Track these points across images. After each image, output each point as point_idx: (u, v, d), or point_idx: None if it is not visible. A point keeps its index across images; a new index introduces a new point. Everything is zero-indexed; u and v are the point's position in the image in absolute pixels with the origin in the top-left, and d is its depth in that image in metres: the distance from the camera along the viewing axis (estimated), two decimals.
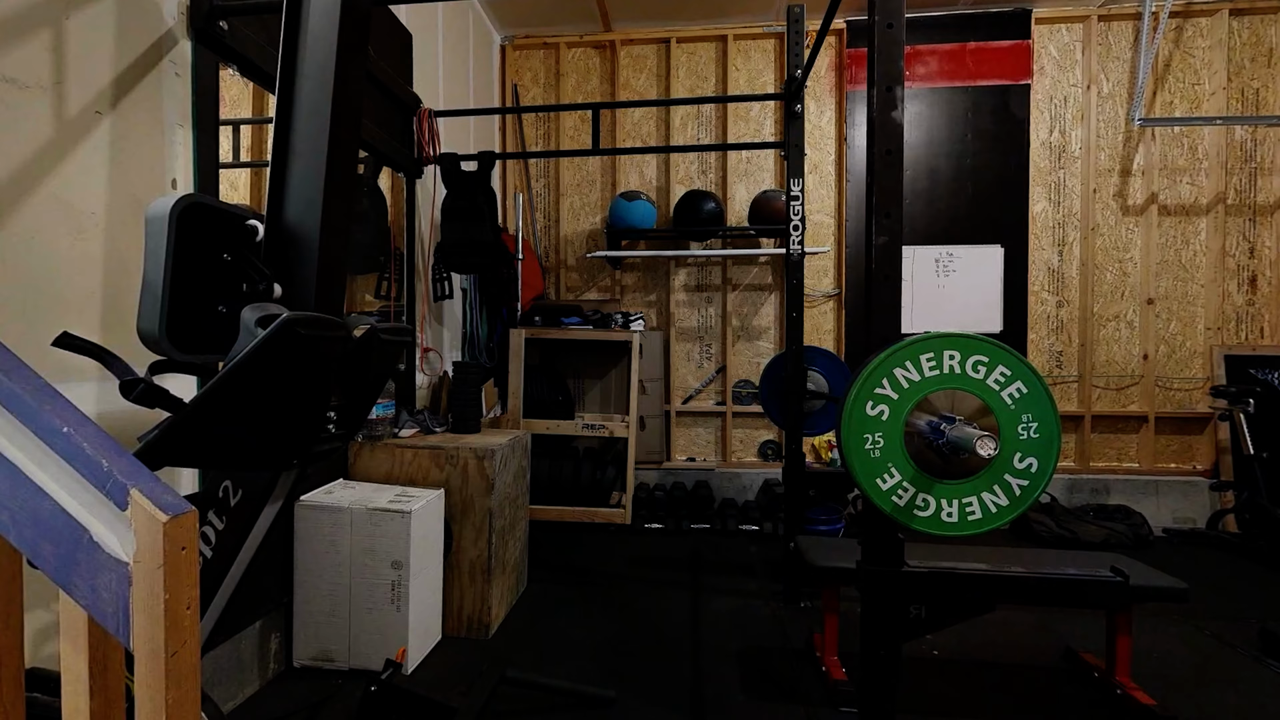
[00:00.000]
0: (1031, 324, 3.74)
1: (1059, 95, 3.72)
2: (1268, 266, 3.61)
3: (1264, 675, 1.99)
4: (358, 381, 1.15)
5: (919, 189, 3.76)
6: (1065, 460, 3.75)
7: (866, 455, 1.33)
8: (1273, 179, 3.60)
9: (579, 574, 2.86)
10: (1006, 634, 2.26)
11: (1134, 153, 3.67)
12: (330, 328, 0.94)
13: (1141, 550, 3.21)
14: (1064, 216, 3.73)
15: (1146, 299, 3.66)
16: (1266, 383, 3.48)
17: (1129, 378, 3.70)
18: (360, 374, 1.14)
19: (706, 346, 3.99)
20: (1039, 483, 1.33)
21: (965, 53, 3.72)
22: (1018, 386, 1.31)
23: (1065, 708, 1.82)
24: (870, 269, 1.38)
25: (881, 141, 1.36)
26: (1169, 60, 3.66)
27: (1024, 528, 3.36)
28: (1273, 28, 3.58)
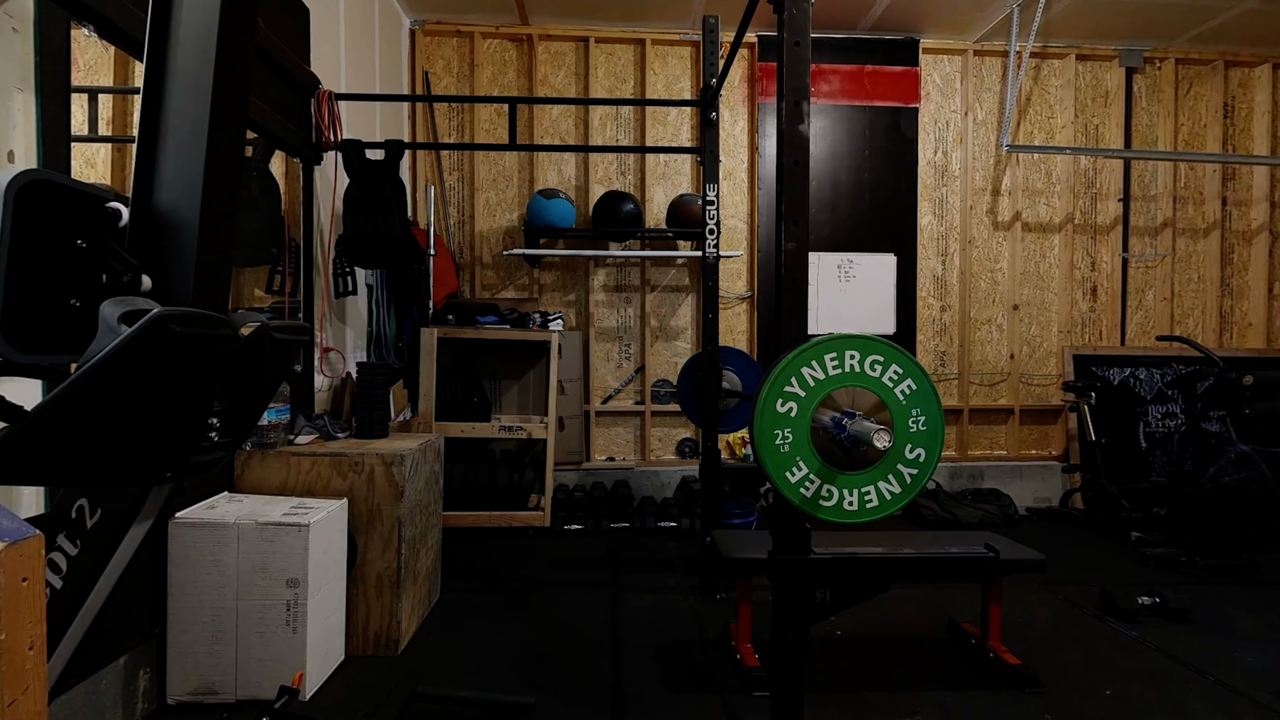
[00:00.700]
0: (920, 326, 4.10)
1: (942, 119, 4.11)
2: (1105, 278, 4.20)
3: (1103, 630, 2.31)
4: (246, 384, 1.05)
5: (823, 199, 4.00)
6: (947, 450, 4.15)
7: (777, 450, 1.40)
8: (1109, 203, 4.18)
9: (496, 580, 2.78)
10: (899, 610, 2.47)
11: (1003, 175, 4.13)
12: (212, 325, 0.85)
13: (1010, 528, 3.62)
14: (946, 229, 4.12)
15: (1013, 305, 4.13)
16: (1105, 379, 4.04)
17: (999, 375, 4.15)
18: (249, 376, 1.04)
19: (626, 346, 4.02)
20: (926, 471, 1.46)
21: (864, 74, 4.01)
22: (909, 383, 1.43)
23: (948, 673, 2.01)
24: (780, 273, 1.45)
25: (789, 153, 1.44)
26: (1030, 95, 4.15)
27: (914, 512, 3.68)
28: (1109, 73, 4.16)
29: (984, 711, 1.80)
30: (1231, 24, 3.83)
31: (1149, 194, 4.21)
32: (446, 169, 3.98)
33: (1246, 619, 2.41)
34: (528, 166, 3.97)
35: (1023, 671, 1.93)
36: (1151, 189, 4.21)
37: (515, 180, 3.99)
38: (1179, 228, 4.22)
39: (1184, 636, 2.25)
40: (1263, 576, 2.86)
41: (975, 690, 1.90)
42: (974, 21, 3.84)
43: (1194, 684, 1.94)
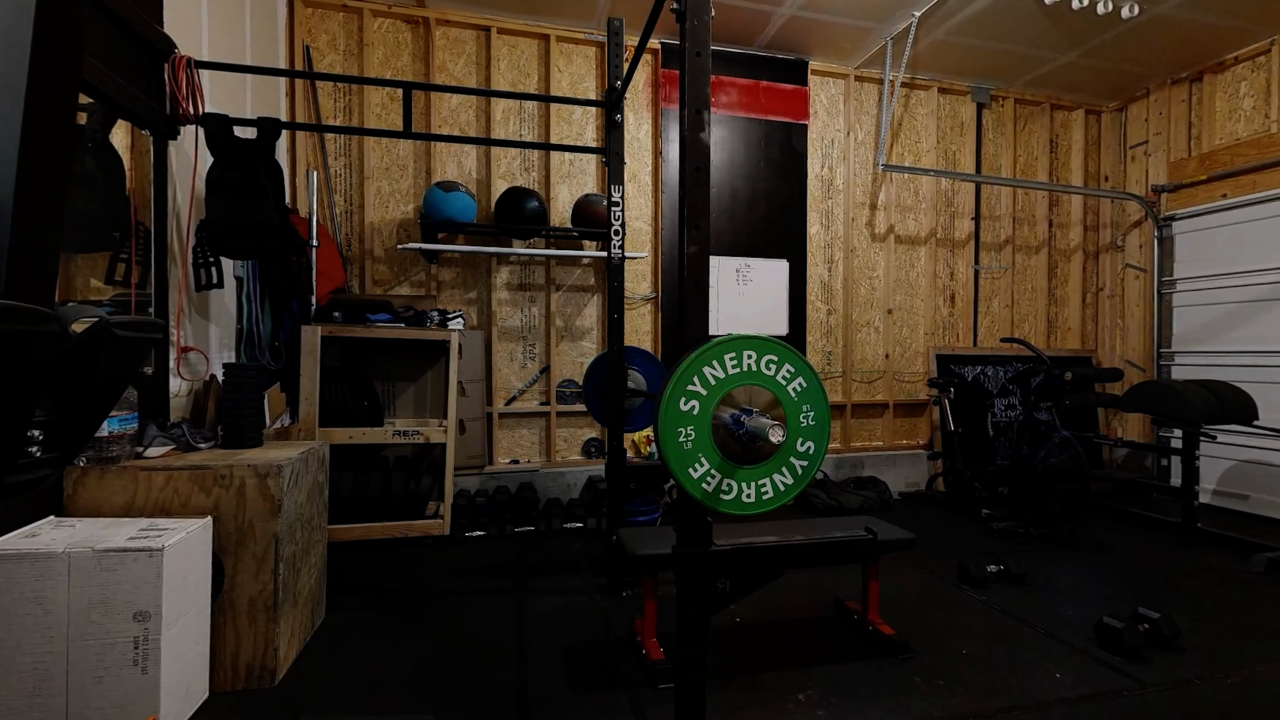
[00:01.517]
0: (809, 328, 4.41)
1: (828, 137, 4.44)
2: (961, 287, 4.76)
3: (960, 597, 2.62)
4: (79, 390, 0.90)
5: (723, 205, 4.18)
6: (833, 443, 4.51)
7: (680, 447, 1.44)
8: (964, 220, 4.75)
9: (391, 595, 2.61)
10: (791, 594, 2.64)
11: (879, 191, 4.55)
12: (31, 320, 0.72)
13: (886, 511, 4.00)
14: (832, 239, 4.46)
15: (888, 309, 4.57)
16: (961, 376, 4.58)
17: (876, 373, 4.57)
18: (83, 380, 0.89)
19: (530, 346, 3.95)
20: (815, 462, 1.57)
21: (759, 89, 4.24)
22: (800, 381, 1.54)
23: (834, 648, 2.18)
24: (683, 275, 1.49)
25: (691, 159, 1.49)
26: (901, 120, 4.60)
27: (804, 501, 3.95)
28: (964, 106, 4.73)
29: (864, 680, 1.97)
30: (1055, 73, 4.50)
31: (995, 214, 4.83)
32: (332, 154, 3.68)
33: (1067, 578, 2.84)
34: (425, 156, 3.77)
35: (896, 640, 2.14)
36: (997, 210, 4.84)
37: (411, 170, 3.77)
38: (1017, 244, 4.89)
39: (1022, 597, 2.62)
40: (1079, 541, 3.39)
41: (857, 661, 2.08)
42: (855, 49, 4.20)
43: (1029, 636, 2.26)
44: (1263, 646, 2.19)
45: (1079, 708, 1.82)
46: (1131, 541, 3.40)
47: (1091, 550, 3.25)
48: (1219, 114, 4.32)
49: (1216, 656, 2.11)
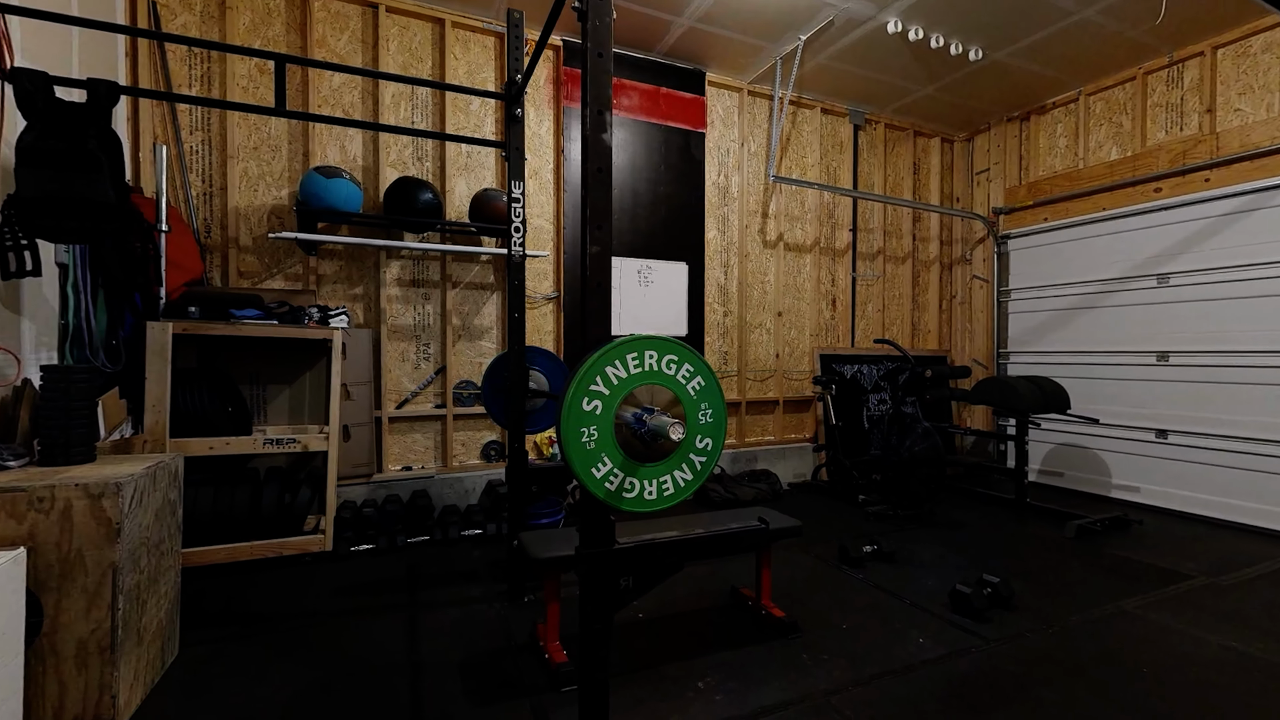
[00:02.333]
0: (708, 329, 4.59)
1: (723, 146, 4.65)
2: (841, 292, 5.19)
3: (841, 577, 2.86)
4: None
5: (625, 207, 4.23)
6: (729, 438, 4.72)
7: (583, 447, 1.44)
8: (843, 232, 5.18)
9: (261, 622, 2.35)
10: (691, 585, 2.73)
11: (770, 200, 4.83)
12: None
13: (777, 501, 4.26)
14: (728, 244, 4.67)
15: (778, 312, 4.87)
16: (841, 374, 5.00)
17: (768, 372, 4.85)
18: None
19: (425, 346, 3.74)
20: (713, 458, 1.63)
21: (659, 95, 4.34)
22: (698, 380, 1.59)
23: (731, 635, 2.28)
24: (585, 275, 1.49)
25: (593, 160, 1.49)
26: (789, 135, 4.93)
27: (703, 495, 4.11)
28: (843, 127, 5.16)
29: (758, 662, 2.08)
30: (918, 103, 5.05)
31: (869, 227, 5.32)
32: (186, 127, 3.25)
33: (928, 553, 3.20)
34: (302, 138, 3.44)
35: (786, 622, 2.29)
36: (871, 223, 5.33)
37: (285, 152, 3.43)
38: (888, 255, 5.43)
39: (892, 573, 2.90)
40: (937, 520, 3.83)
41: (752, 645, 2.20)
42: (748, 65, 4.43)
43: (897, 607, 2.51)
44: (1074, 600, 2.61)
45: (937, 667, 2.05)
46: (978, 517, 3.90)
47: (947, 527, 3.68)
48: (1042, 150, 5.08)
49: (1041, 611, 2.48)
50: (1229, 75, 3.95)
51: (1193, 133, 4.09)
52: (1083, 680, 1.98)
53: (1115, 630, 2.32)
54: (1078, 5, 3.63)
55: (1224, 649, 2.18)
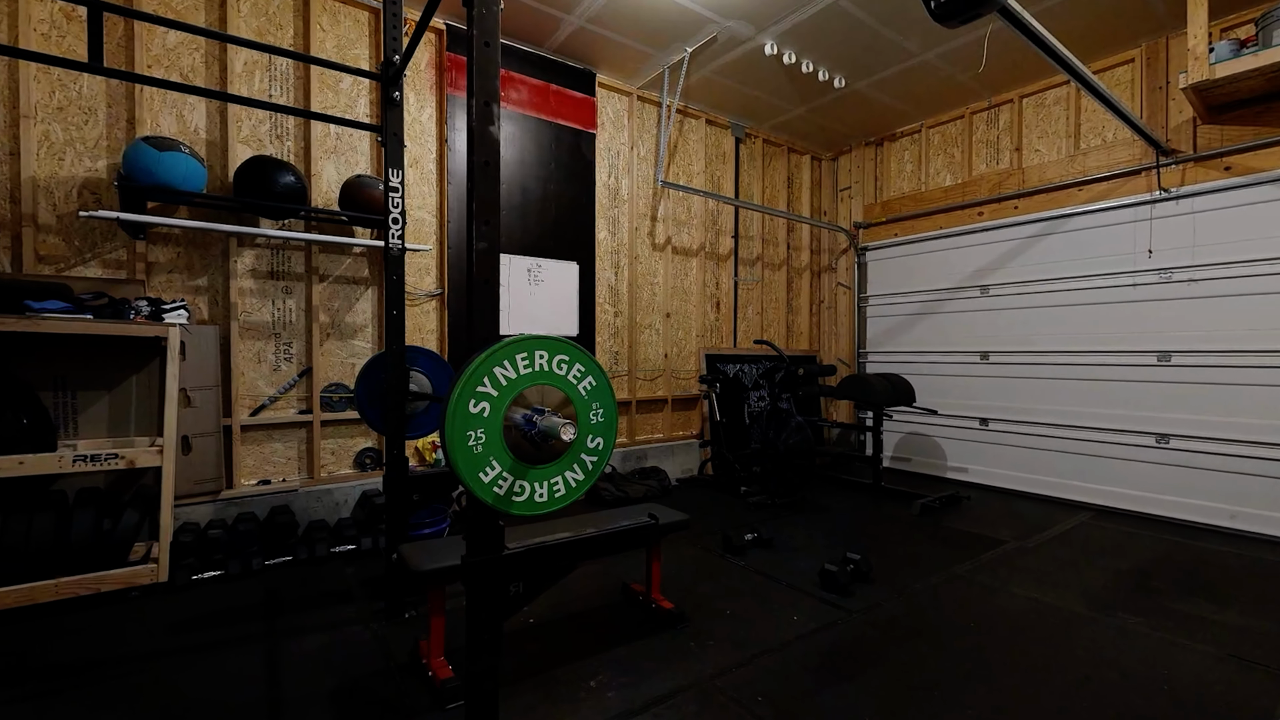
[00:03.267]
0: (598, 329, 4.61)
1: (614, 149, 4.70)
2: (724, 295, 5.47)
3: (725, 565, 3.02)
4: None
5: (514, 203, 4.12)
6: (620, 437, 4.79)
7: (470, 451, 1.38)
8: (726, 238, 5.47)
9: (71, 674, 1.98)
10: (584, 585, 2.73)
11: (659, 204, 4.97)
12: None
13: (666, 497, 4.39)
14: (618, 245, 4.73)
15: (666, 313, 5.02)
16: (725, 373, 5.27)
17: (657, 371, 4.99)
18: None
19: (286, 345, 3.37)
20: (605, 457, 1.65)
21: (550, 92, 4.28)
22: (589, 380, 1.60)
23: (623, 631, 2.32)
24: (472, 272, 1.43)
25: (480, 152, 1.44)
26: (677, 142, 5.10)
27: (594, 495, 4.12)
28: (725, 139, 5.44)
29: (649, 655, 2.13)
30: (792, 122, 5.47)
31: (749, 234, 5.67)
32: None
33: (802, 537, 3.48)
34: (126, 101, 2.95)
35: (675, 613, 2.37)
36: (751, 231, 5.68)
37: (103, 116, 2.91)
38: (765, 261, 5.81)
39: (770, 557, 3.12)
40: (809, 506, 4.18)
41: (643, 638, 2.25)
42: (637, 70, 4.52)
43: (775, 589, 2.70)
44: (918, 569, 2.97)
45: (810, 640, 2.24)
46: (843, 501, 4.31)
47: (817, 511, 4.03)
48: (892, 172, 5.73)
49: (893, 582, 2.80)
50: (1031, 121, 4.72)
51: (1006, 167, 4.84)
52: (925, 638, 2.26)
53: (950, 592, 2.68)
54: (920, 48, 4.14)
55: (1028, 600, 2.61)
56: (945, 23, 2.12)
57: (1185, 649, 2.18)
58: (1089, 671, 2.04)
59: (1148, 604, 2.56)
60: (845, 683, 1.96)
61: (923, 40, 4.03)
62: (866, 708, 1.83)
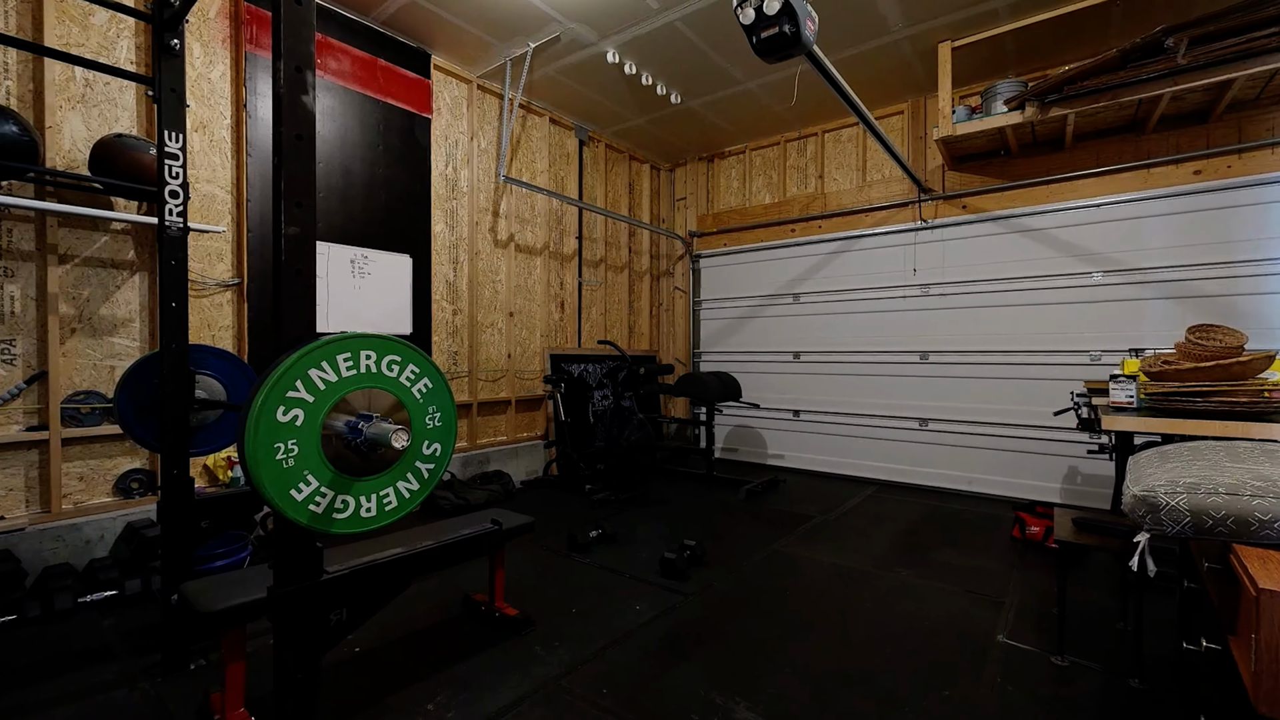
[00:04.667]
0: (435, 328, 4.33)
1: (452, 138, 4.45)
2: (569, 295, 5.49)
3: (570, 564, 3.03)
4: None
5: (334, 185, 3.68)
6: (460, 441, 4.54)
7: (279, 466, 1.20)
8: (570, 238, 5.49)
9: None
10: (420, 602, 2.54)
11: (501, 200, 4.82)
12: None
13: (510, 501, 4.27)
14: (457, 239, 4.49)
15: (509, 312, 4.89)
16: (570, 373, 5.29)
17: (500, 372, 4.83)
18: None
19: (7, 344, 2.62)
20: (443, 464, 1.55)
21: (378, 67, 3.90)
22: (425, 382, 1.49)
23: (463, 645, 2.20)
24: (281, 261, 1.25)
25: (291, 125, 1.26)
26: (520, 138, 4.99)
27: (432, 505, 3.86)
28: (569, 140, 5.46)
29: (492, 667, 2.06)
30: (633, 130, 5.68)
31: (593, 236, 5.76)
32: None
33: (644, 529, 3.63)
34: None
35: (520, 619, 2.32)
36: (595, 233, 5.78)
37: None
38: (609, 263, 5.96)
39: (615, 552, 3.20)
40: (650, 499, 4.37)
41: (486, 650, 2.16)
42: (477, 58, 4.33)
43: (620, 582, 2.79)
44: (743, 549, 3.28)
45: (652, 627, 2.35)
46: (680, 492, 4.59)
47: (658, 504, 4.24)
48: (722, 187, 6.25)
49: (725, 562, 3.06)
50: (831, 153, 5.49)
51: (812, 191, 5.57)
52: (751, 608, 2.51)
53: (771, 566, 3.01)
54: (745, 77, 4.58)
55: (831, 565, 3.03)
56: (765, 58, 2.37)
57: (939, 590, 2.71)
58: (874, 616, 2.43)
59: (915, 557, 3.14)
60: (684, 662, 2.09)
61: (747, 70, 4.46)
62: (703, 680, 1.97)
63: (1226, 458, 1.44)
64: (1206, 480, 1.25)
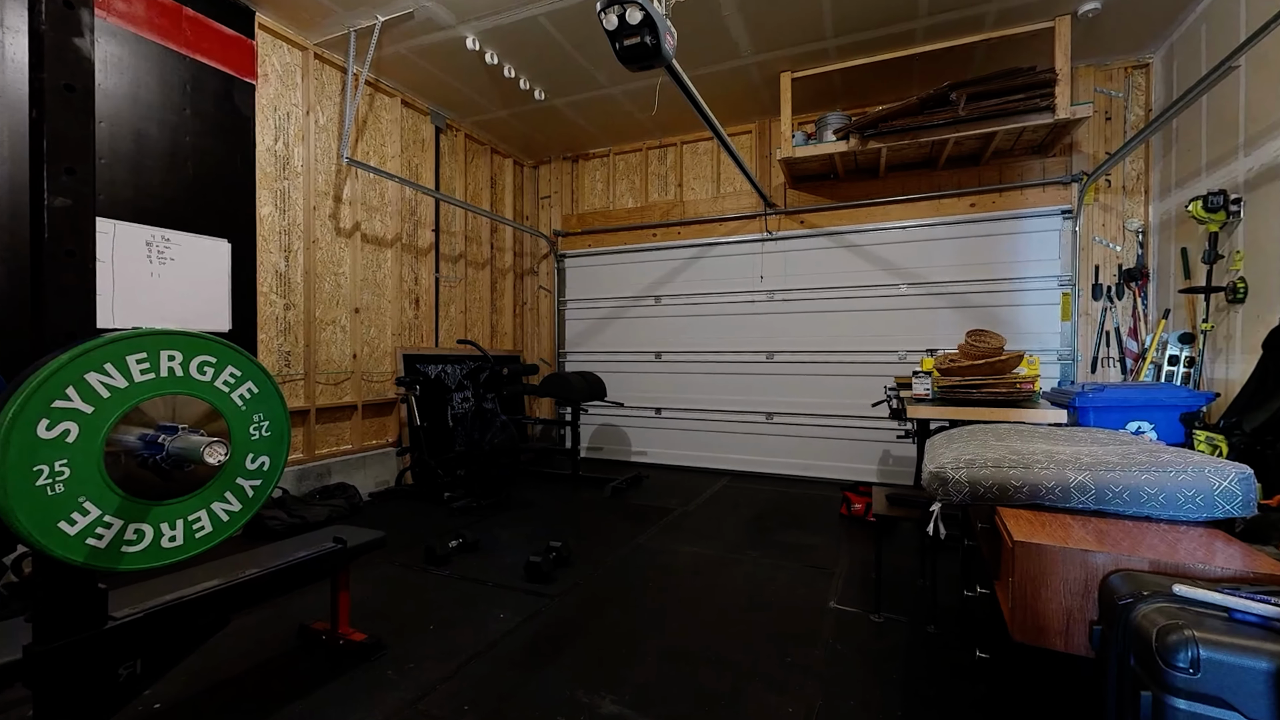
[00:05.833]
0: (261, 324, 3.79)
1: (283, 109, 3.93)
2: (424, 292, 5.15)
3: (427, 579, 2.84)
4: None
5: (122, 151, 3.06)
6: (295, 453, 4.03)
7: (40, 495, 0.97)
8: (426, 231, 5.15)
9: None
10: (244, 640, 2.21)
11: (344, 184, 4.36)
12: None
13: (356, 515, 3.89)
14: (290, 225, 3.98)
15: (354, 308, 4.45)
16: (426, 374, 4.96)
17: (344, 374, 4.38)
18: None
19: None
20: (272, 479, 1.36)
21: (184, 17, 3.32)
22: (249, 387, 1.30)
23: (303, 679, 1.96)
24: (44, 240, 1.01)
25: (58, 71, 1.02)
26: (367, 118, 4.56)
27: (258, 526, 3.38)
28: (425, 126, 5.11)
29: (336, 700, 1.86)
30: (495, 123, 5.48)
31: (452, 230, 5.46)
32: None
33: (508, 534, 3.52)
34: None
35: (369, 644, 2.12)
36: (453, 227, 5.48)
37: None
38: (469, 259, 5.69)
39: (477, 561, 3.07)
40: (515, 503, 4.26)
41: (330, 683, 1.94)
42: (314, 23, 3.87)
43: (482, 592, 2.68)
44: (609, 545, 3.34)
45: (516, 634, 2.29)
46: (546, 494, 4.54)
47: (522, 507, 4.14)
48: (586, 189, 6.29)
49: (591, 560, 3.08)
50: (689, 163, 5.80)
51: (672, 198, 5.83)
52: (616, 603, 2.56)
53: (635, 561, 3.10)
54: (609, 82, 4.65)
55: (690, 553, 3.20)
56: (627, 65, 2.43)
57: (783, 567, 3.00)
58: (727, 598, 2.62)
59: (763, 540, 3.44)
60: (549, 665, 2.07)
61: (611, 75, 4.53)
62: (569, 680, 1.96)
63: (993, 437, 1.77)
64: (979, 457, 1.53)
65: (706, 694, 1.90)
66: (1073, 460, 1.43)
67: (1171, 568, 1.10)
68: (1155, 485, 1.32)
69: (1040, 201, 4.49)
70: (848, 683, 1.96)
